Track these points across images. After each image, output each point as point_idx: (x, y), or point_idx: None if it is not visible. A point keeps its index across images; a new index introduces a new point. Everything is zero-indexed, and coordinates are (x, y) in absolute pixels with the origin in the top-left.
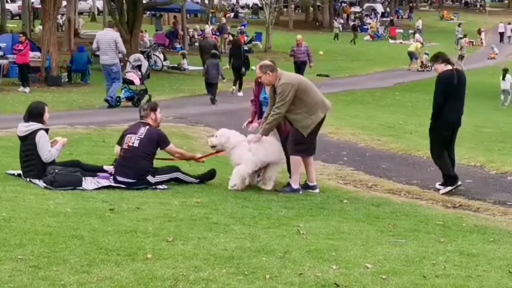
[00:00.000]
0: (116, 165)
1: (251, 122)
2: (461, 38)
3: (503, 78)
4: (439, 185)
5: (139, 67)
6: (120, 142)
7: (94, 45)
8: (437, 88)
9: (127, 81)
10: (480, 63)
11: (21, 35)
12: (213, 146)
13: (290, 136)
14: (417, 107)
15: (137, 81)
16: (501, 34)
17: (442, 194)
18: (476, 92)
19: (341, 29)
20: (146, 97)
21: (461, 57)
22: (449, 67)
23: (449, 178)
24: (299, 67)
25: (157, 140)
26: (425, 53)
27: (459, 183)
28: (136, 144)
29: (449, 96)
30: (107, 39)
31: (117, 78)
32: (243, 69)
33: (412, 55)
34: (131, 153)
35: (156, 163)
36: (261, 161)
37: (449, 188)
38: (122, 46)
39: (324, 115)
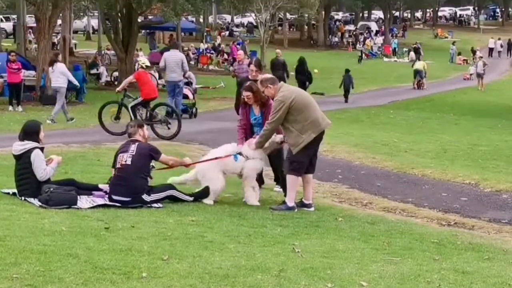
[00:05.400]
0: (111, 185)
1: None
2: (481, 57)
3: None
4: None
5: (188, 84)
6: (114, 164)
7: (162, 64)
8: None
9: (183, 96)
10: (475, 81)
11: (13, 53)
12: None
13: (287, 154)
14: (411, 125)
15: (191, 95)
16: (491, 50)
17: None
18: (471, 110)
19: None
20: (193, 110)
21: (479, 75)
22: None
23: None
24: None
25: (149, 153)
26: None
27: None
28: (129, 162)
29: None
30: (175, 59)
31: (180, 93)
32: (307, 83)
33: (418, 73)
34: (125, 172)
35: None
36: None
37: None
38: (187, 66)
39: (316, 135)
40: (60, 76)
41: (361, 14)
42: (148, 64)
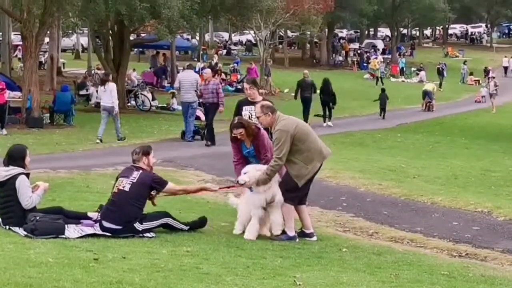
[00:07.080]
0: (103, 210)
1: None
2: (493, 77)
3: None
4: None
5: (200, 104)
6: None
7: (176, 85)
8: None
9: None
10: (488, 102)
11: None
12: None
13: (281, 182)
14: (420, 149)
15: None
16: (505, 69)
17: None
18: (483, 134)
19: (384, 71)
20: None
21: (491, 96)
22: None
23: None
24: (207, 111)
25: (151, 184)
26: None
27: None
28: (127, 188)
29: None
30: (190, 79)
31: (193, 115)
32: (331, 104)
33: (427, 94)
34: (120, 197)
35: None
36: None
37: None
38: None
39: (321, 164)
40: (112, 95)
41: (366, 32)
42: None
